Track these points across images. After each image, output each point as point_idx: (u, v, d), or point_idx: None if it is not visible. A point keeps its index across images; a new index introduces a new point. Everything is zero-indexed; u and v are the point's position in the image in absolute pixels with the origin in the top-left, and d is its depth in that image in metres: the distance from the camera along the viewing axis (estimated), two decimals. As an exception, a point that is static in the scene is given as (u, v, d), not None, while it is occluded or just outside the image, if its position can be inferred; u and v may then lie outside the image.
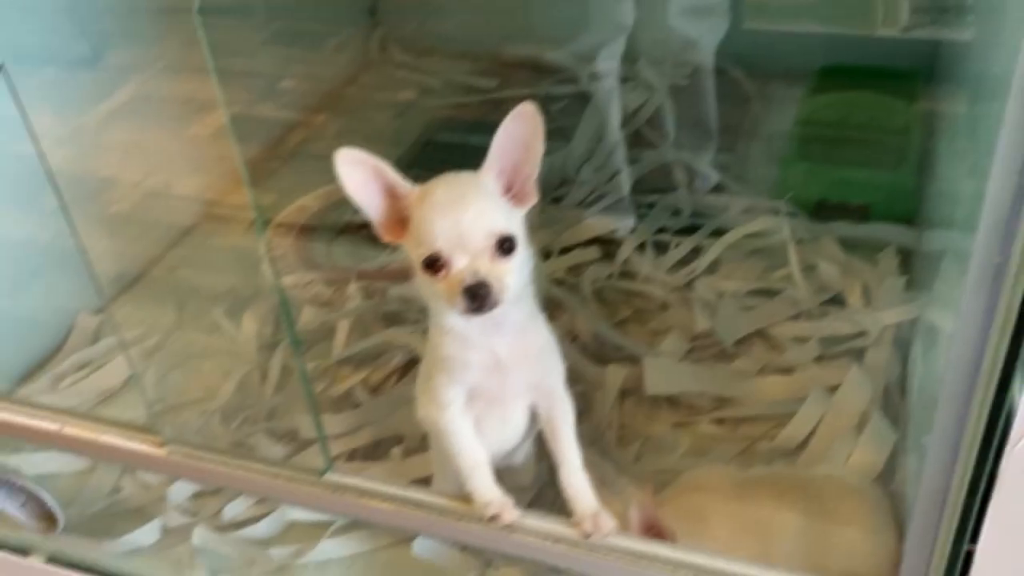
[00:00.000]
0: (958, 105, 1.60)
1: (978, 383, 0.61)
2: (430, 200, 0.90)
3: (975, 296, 0.58)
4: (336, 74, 2.30)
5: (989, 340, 0.60)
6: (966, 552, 0.70)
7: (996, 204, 0.55)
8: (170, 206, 1.89)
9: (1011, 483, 0.64)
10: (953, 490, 0.67)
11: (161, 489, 1.30)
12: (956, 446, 0.65)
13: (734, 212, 1.69)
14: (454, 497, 0.97)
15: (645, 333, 1.50)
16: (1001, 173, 0.54)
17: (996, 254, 0.56)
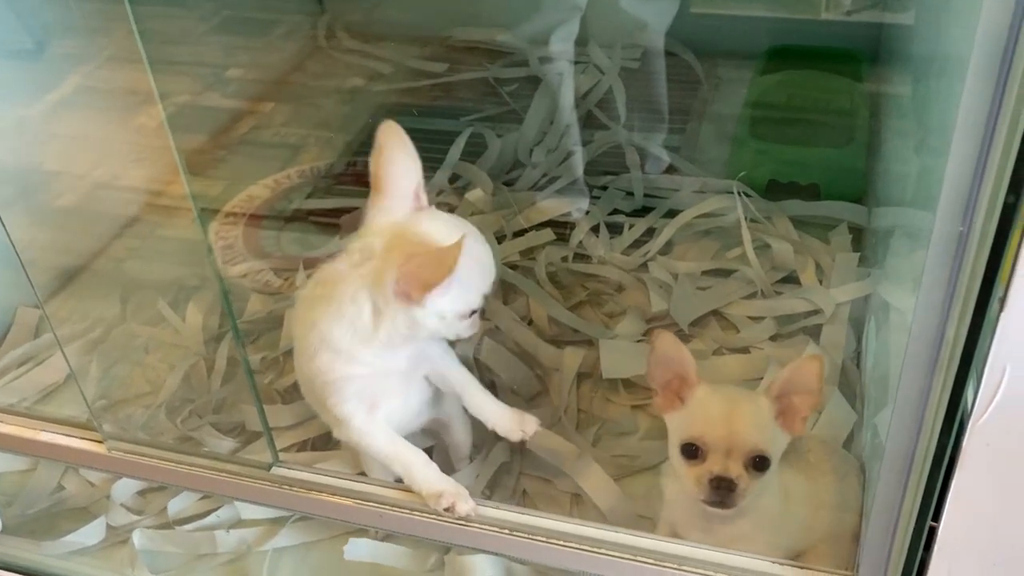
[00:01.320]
0: (904, 85, 1.61)
1: (941, 356, 0.60)
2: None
3: (938, 267, 0.57)
4: (283, 62, 2.27)
5: (952, 312, 0.58)
6: (929, 528, 0.69)
7: (958, 173, 0.54)
8: (116, 198, 1.85)
9: (974, 458, 0.63)
10: (916, 467, 0.66)
11: (105, 487, 1.25)
12: (919, 421, 0.64)
13: (687, 193, 1.68)
14: (408, 489, 0.95)
15: (601, 315, 1.48)
16: (962, 142, 0.53)
17: (959, 223, 0.55)
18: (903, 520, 0.70)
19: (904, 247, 1.27)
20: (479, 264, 0.96)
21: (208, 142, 2.03)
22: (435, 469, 0.96)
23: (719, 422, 0.91)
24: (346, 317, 0.95)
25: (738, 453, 0.89)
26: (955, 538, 0.68)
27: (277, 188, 1.85)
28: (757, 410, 0.92)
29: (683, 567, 0.84)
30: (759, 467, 0.90)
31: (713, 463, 0.90)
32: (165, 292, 1.58)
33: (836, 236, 1.57)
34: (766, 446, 0.91)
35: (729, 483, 0.88)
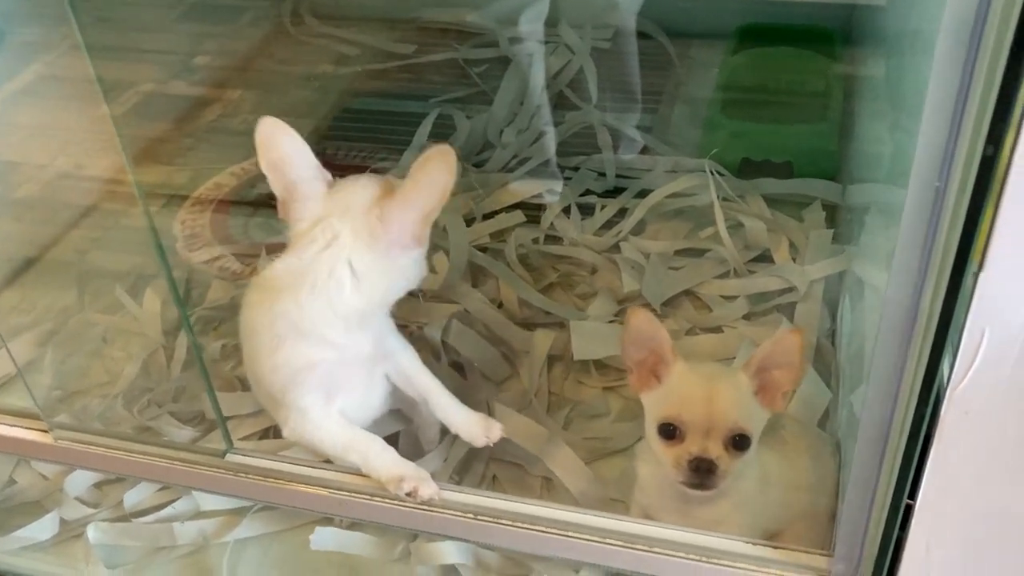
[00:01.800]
0: (877, 62, 1.59)
1: (918, 322, 0.57)
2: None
3: (913, 226, 0.54)
4: (250, 48, 2.23)
5: (928, 274, 0.55)
6: (906, 504, 0.66)
7: (934, 124, 0.51)
8: (78, 187, 1.81)
9: (952, 428, 0.60)
10: (892, 439, 0.64)
11: (59, 480, 1.21)
12: (895, 392, 0.61)
13: (659, 173, 1.66)
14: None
15: (572, 297, 1.45)
16: (938, 91, 0.50)
17: (935, 178, 0.52)
18: (879, 495, 0.67)
19: (879, 224, 1.25)
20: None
21: (175, 130, 2.00)
22: (393, 454, 0.92)
23: (698, 401, 0.88)
24: (323, 295, 0.92)
25: (718, 432, 0.87)
26: (933, 511, 0.65)
27: (244, 176, 1.81)
28: (736, 387, 0.89)
29: (654, 549, 0.81)
30: (739, 446, 0.87)
31: (692, 443, 0.87)
32: (124, 280, 1.54)
33: (810, 214, 1.54)
34: (746, 424, 0.88)
35: (709, 464, 0.85)
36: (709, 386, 0.89)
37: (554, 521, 0.83)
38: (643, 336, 0.92)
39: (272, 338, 0.94)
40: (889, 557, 0.71)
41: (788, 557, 0.78)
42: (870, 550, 0.71)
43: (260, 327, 0.97)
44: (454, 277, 1.43)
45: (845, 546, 0.73)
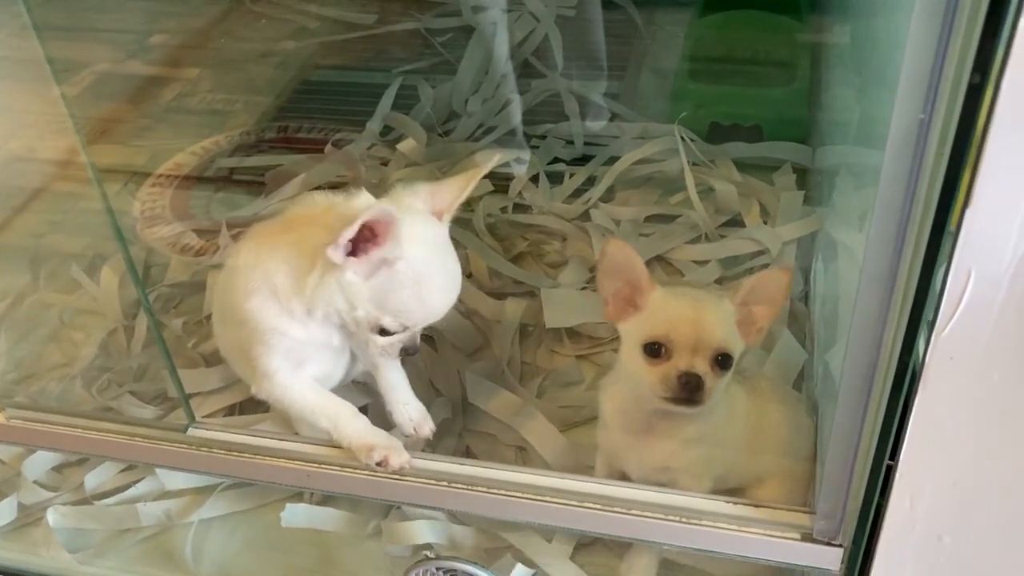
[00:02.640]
0: (842, 23, 1.57)
1: (901, 264, 0.55)
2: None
3: (896, 162, 0.52)
4: (207, 25, 2.17)
5: (912, 213, 0.53)
6: (886, 468, 0.64)
7: (918, 50, 0.49)
8: (32, 170, 1.75)
9: (937, 374, 0.58)
10: (875, 391, 0.62)
11: (16, 464, 1.17)
12: (879, 336, 0.59)
13: (627, 140, 1.63)
14: (335, 445, 0.88)
15: (543, 266, 1.43)
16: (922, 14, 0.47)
17: (919, 110, 0.49)
18: (862, 448, 0.66)
19: (850, 185, 1.23)
20: (418, 282, 0.86)
21: (133, 111, 1.96)
22: (365, 421, 0.89)
23: (685, 320, 0.88)
24: (294, 265, 0.88)
25: (704, 350, 0.87)
26: (917, 463, 0.64)
27: (205, 155, 1.77)
28: (721, 310, 0.90)
29: (632, 511, 0.79)
30: (723, 365, 0.88)
31: (680, 360, 0.87)
32: (81, 260, 1.50)
33: (780, 176, 1.53)
34: (730, 345, 0.89)
35: (697, 379, 0.86)
36: (697, 307, 0.90)
37: (529, 486, 0.81)
38: (619, 266, 0.92)
39: (249, 282, 0.90)
40: (872, 512, 0.69)
41: (769, 516, 0.77)
42: (853, 505, 0.70)
43: (241, 269, 0.92)
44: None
45: (828, 502, 0.71)
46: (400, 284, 0.85)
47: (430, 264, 0.87)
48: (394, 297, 0.85)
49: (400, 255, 0.84)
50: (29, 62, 1.98)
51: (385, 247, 0.82)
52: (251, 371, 0.94)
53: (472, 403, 1.19)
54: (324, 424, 0.90)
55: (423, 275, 0.86)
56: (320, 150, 1.69)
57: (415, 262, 0.85)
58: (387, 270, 0.84)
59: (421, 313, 0.88)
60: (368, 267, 0.84)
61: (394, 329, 0.87)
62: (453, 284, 0.90)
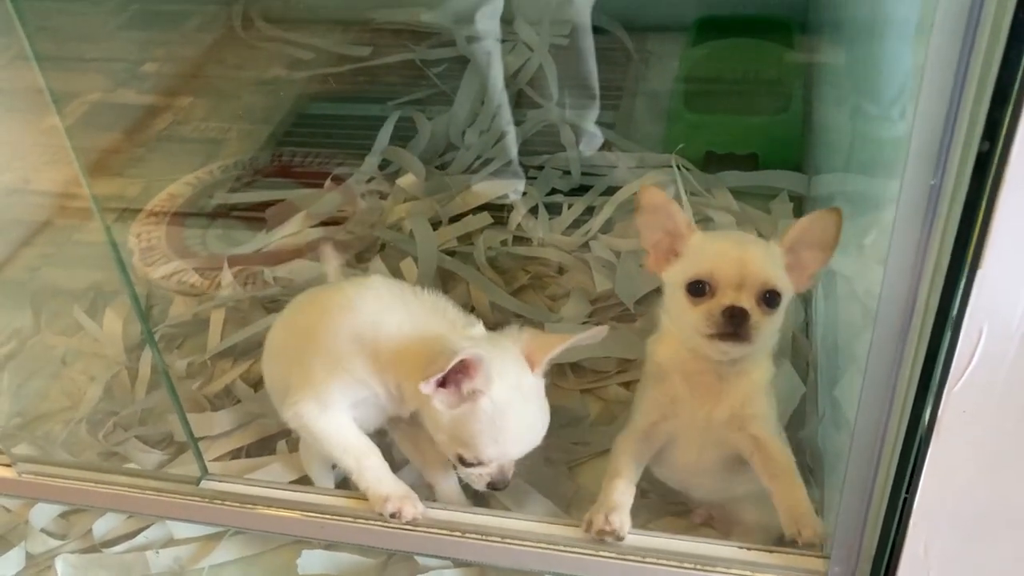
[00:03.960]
0: (836, 50, 1.59)
1: (913, 321, 0.56)
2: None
3: (908, 225, 0.53)
4: (199, 54, 2.19)
5: (924, 272, 0.54)
6: (902, 507, 0.65)
7: (928, 121, 0.50)
8: (28, 202, 1.76)
9: (950, 427, 0.59)
10: (888, 440, 0.62)
11: (23, 512, 1.16)
12: (891, 391, 0.60)
13: (624, 169, 1.64)
14: (350, 495, 0.88)
15: (544, 299, 1.44)
16: (931, 87, 0.48)
17: (931, 176, 0.50)
18: (876, 496, 0.66)
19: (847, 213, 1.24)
20: (495, 422, 0.88)
21: (125, 140, 1.96)
22: (386, 470, 0.90)
23: (729, 258, 0.87)
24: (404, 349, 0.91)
25: (750, 286, 0.86)
26: (931, 511, 0.64)
27: (199, 185, 1.77)
28: (768, 250, 0.89)
29: (648, 559, 0.80)
30: (771, 303, 0.87)
31: (724, 296, 0.86)
32: (82, 299, 1.50)
33: (777, 205, 1.54)
34: (777, 282, 0.87)
35: (742, 312, 0.84)
36: (741, 245, 0.89)
37: (544, 536, 0.81)
38: (656, 214, 0.91)
39: (355, 322, 0.94)
40: (887, 558, 0.70)
41: (784, 561, 0.77)
42: (867, 551, 0.70)
43: (356, 306, 0.96)
44: (424, 283, 1.40)
45: (842, 548, 0.72)
46: (478, 419, 0.87)
47: (511, 407, 0.88)
48: (470, 430, 0.87)
49: (485, 392, 0.86)
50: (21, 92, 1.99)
51: (473, 381, 0.86)
52: (299, 392, 0.95)
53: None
54: (348, 463, 0.91)
55: (502, 416, 0.88)
56: (317, 181, 1.70)
57: (497, 402, 0.87)
58: (470, 404, 0.87)
59: (494, 451, 0.89)
60: (454, 399, 0.87)
61: (470, 460, 0.89)
62: (532, 432, 0.92)
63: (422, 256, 1.44)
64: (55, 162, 1.84)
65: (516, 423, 0.89)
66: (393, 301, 0.97)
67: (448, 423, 0.87)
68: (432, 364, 0.83)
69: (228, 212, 1.68)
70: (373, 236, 1.54)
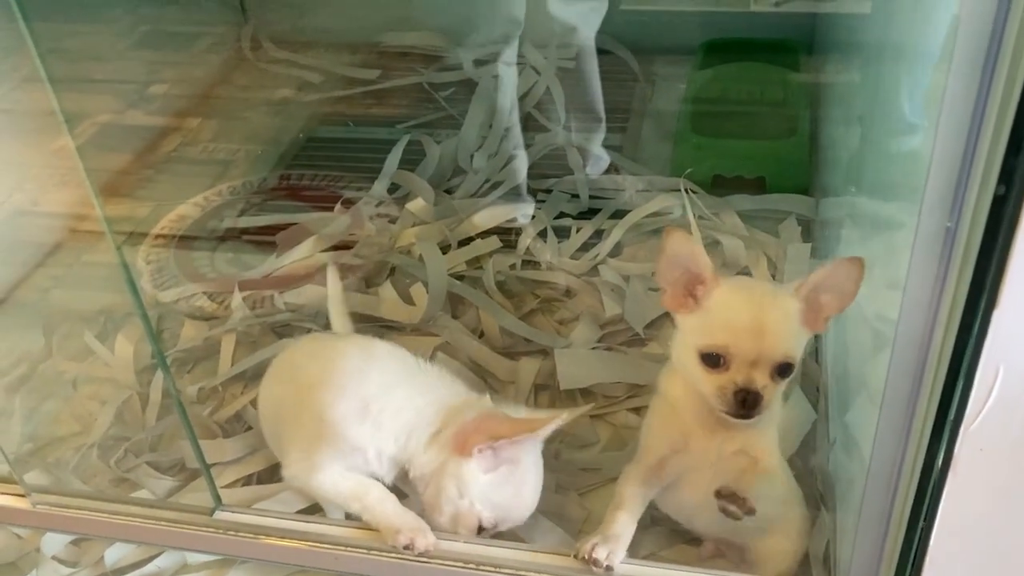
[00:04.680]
0: (844, 73, 1.59)
1: (929, 360, 0.56)
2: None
3: (923, 266, 0.53)
4: (208, 75, 2.20)
5: (939, 313, 0.55)
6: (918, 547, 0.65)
7: (943, 165, 0.50)
8: (37, 224, 1.78)
9: (967, 465, 0.59)
10: (904, 478, 0.63)
11: (34, 540, 1.16)
12: (907, 429, 0.60)
13: (632, 193, 1.65)
14: (362, 526, 0.89)
15: (553, 323, 1.44)
16: (947, 131, 0.49)
17: (946, 218, 0.51)
18: (891, 535, 0.66)
19: (856, 237, 1.25)
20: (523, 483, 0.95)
21: (133, 162, 1.97)
22: (393, 503, 0.90)
23: (747, 332, 0.84)
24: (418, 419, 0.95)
25: (766, 363, 0.84)
26: (948, 550, 0.64)
27: (208, 206, 1.78)
28: (786, 314, 0.86)
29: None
30: (784, 374, 0.85)
31: (737, 373, 0.84)
32: (92, 323, 1.50)
33: (785, 229, 1.54)
34: (794, 352, 0.85)
35: (755, 396, 0.83)
36: (759, 315, 0.85)
37: (558, 568, 0.81)
38: (680, 258, 0.89)
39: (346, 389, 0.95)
40: (902, 594, 0.70)
41: (798, 595, 0.77)
42: (883, 587, 0.70)
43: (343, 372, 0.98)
44: (434, 309, 1.41)
45: (857, 583, 0.72)
46: (511, 482, 0.93)
47: (532, 467, 0.96)
48: (502, 493, 0.92)
49: (518, 459, 0.93)
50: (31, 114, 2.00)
51: (519, 447, 0.92)
52: (292, 454, 0.96)
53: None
54: (353, 507, 0.91)
55: (527, 476, 0.94)
56: (325, 204, 1.70)
57: (525, 464, 0.94)
58: (507, 467, 0.92)
59: (516, 512, 0.95)
60: (494, 462, 0.92)
61: (488, 525, 0.93)
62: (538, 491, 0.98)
63: (432, 281, 1.44)
64: (64, 184, 1.85)
65: (534, 485, 0.96)
66: (399, 370, 0.99)
67: (480, 487, 0.91)
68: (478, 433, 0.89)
69: (239, 235, 1.69)
70: (383, 260, 1.54)
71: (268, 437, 1.10)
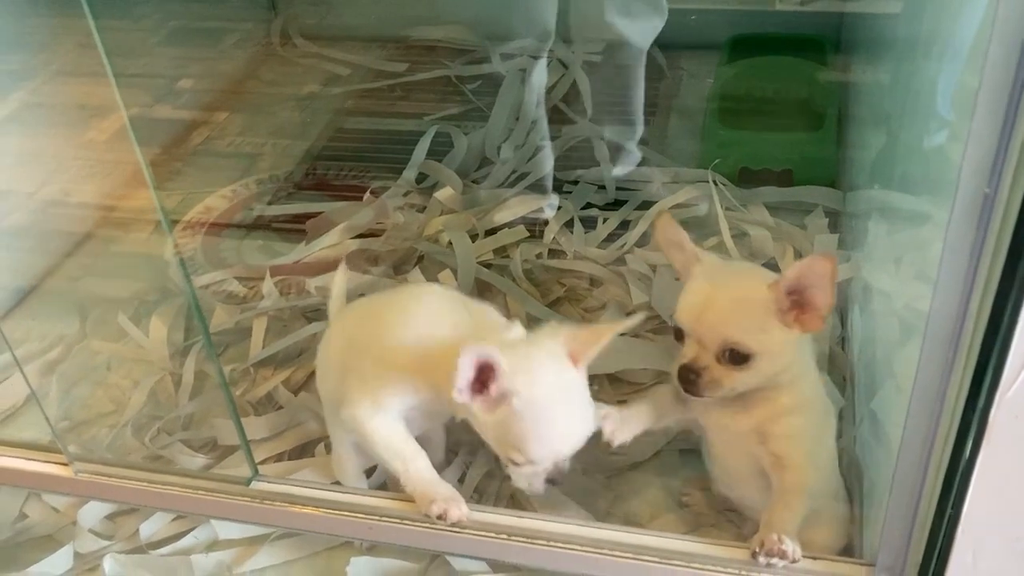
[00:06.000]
0: (872, 67, 1.60)
1: (965, 327, 0.57)
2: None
3: (961, 232, 0.54)
4: (236, 69, 2.23)
5: (977, 278, 0.55)
6: (950, 515, 0.66)
7: (982, 133, 0.51)
8: (68, 214, 1.81)
9: (1002, 432, 0.60)
10: (937, 447, 0.63)
11: (71, 513, 1.18)
12: (941, 395, 0.61)
13: (659, 184, 1.66)
14: (396, 496, 0.90)
15: (580, 311, 1.45)
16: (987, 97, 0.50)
17: (984, 183, 0.52)
18: (924, 503, 0.67)
19: (884, 229, 1.25)
20: (536, 419, 0.86)
21: (161, 154, 1.99)
22: (433, 474, 0.91)
23: (695, 309, 0.86)
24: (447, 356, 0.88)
25: (710, 343, 0.85)
26: (980, 519, 0.65)
27: (235, 198, 1.80)
28: (745, 300, 0.86)
29: (693, 564, 0.81)
30: (735, 360, 0.85)
31: (688, 348, 0.86)
32: (125, 307, 1.52)
33: (812, 220, 1.55)
34: (743, 338, 0.85)
35: (694, 373, 0.85)
36: (712, 295, 0.86)
37: (590, 540, 0.83)
38: (671, 240, 0.93)
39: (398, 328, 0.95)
40: (934, 566, 0.70)
41: (829, 568, 0.78)
42: (913, 559, 0.71)
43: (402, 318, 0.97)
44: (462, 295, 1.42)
45: (888, 556, 0.72)
46: (518, 419, 0.85)
47: (548, 402, 0.87)
48: (513, 431, 0.86)
49: (515, 391, 0.85)
50: (61, 107, 2.03)
51: (499, 382, 0.85)
52: (355, 394, 0.95)
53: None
54: (396, 465, 0.92)
55: (540, 412, 0.86)
56: (353, 194, 1.72)
57: (532, 399, 0.85)
58: (506, 406, 0.85)
59: (541, 450, 0.87)
60: (488, 403, 0.86)
61: (520, 462, 0.88)
62: (575, 426, 0.89)
63: (461, 268, 1.46)
64: (93, 175, 1.88)
65: (559, 420, 0.87)
66: (444, 309, 0.98)
67: (492, 428, 0.87)
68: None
69: (268, 224, 1.71)
70: (411, 248, 1.56)
71: (328, 400, 1.09)
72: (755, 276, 0.90)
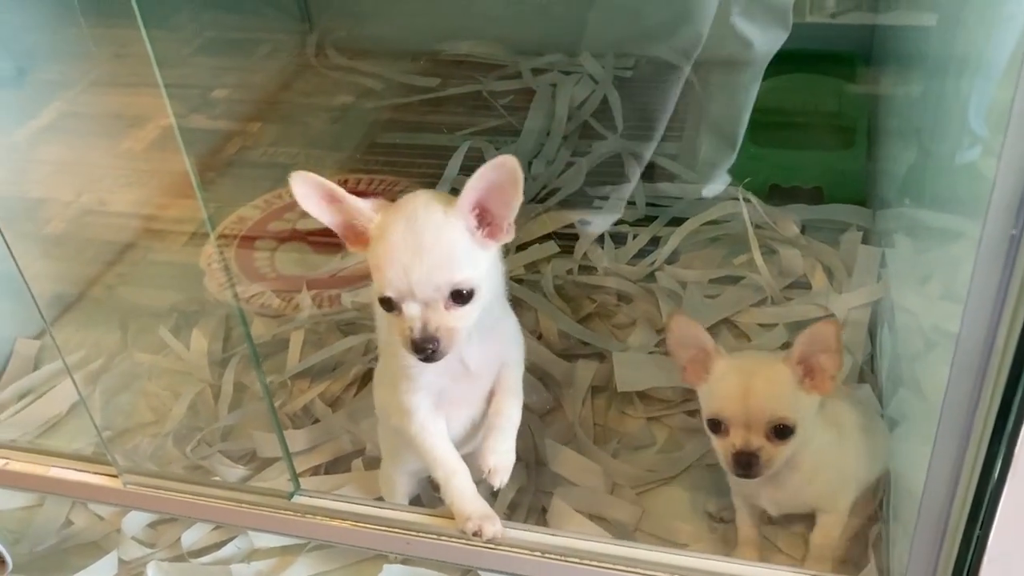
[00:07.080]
0: (903, 85, 1.60)
1: (992, 361, 0.59)
2: (388, 240, 0.86)
3: (987, 270, 0.56)
4: (270, 81, 2.25)
5: (1003, 314, 0.57)
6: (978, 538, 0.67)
7: (1010, 173, 0.52)
8: (106, 223, 1.83)
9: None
10: (964, 475, 0.65)
11: (115, 521, 1.22)
12: (970, 416, 0.62)
13: (689, 201, 1.67)
14: (432, 512, 0.93)
15: (610, 327, 1.47)
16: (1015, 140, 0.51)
17: (1011, 225, 0.53)
18: (951, 528, 0.68)
19: (912, 248, 1.26)
20: (393, 249, 0.85)
21: (196, 163, 2.00)
22: (472, 489, 0.94)
23: (736, 397, 0.94)
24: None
25: (758, 425, 0.93)
26: (1007, 546, 0.66)
27: (268, 209, 1.83)
28: (775, 379, 0.95)
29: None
30: (781, 435, 0.93)
31: (736, 436, 0.93)
32: (165, 318, 1.56)
33: (847, 238, 1.55)
34: (786, 412, 0.93)
35: (751, 456, 0.92)
36: (747, 381, 0.95)
37: (625, 559, 0.85)
38: (685, 339, 1.00)
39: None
40: (961, 588, 0.72)
41: (857, 589, 0.79)
42: (942, 579, 0.72)
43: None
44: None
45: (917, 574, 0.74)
46: (372, 247, 0.87)
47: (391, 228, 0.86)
48: (370, 258, 0.88)
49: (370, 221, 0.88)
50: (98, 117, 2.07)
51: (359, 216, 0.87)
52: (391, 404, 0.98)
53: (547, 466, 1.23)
54: (439, 474, 0.95)
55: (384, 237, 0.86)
56: (386, 207, 1.74)
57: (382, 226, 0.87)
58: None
59: (386, 276, 0.86)
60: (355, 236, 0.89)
61: (379, 294, 0.87)
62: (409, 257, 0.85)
63: (493, 283, 1.48)
64: (130, 184, 1.92)
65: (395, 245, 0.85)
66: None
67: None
68: None
69: (305, 236, 1.74)
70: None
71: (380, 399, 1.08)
72: (771, 357, 1.00)
